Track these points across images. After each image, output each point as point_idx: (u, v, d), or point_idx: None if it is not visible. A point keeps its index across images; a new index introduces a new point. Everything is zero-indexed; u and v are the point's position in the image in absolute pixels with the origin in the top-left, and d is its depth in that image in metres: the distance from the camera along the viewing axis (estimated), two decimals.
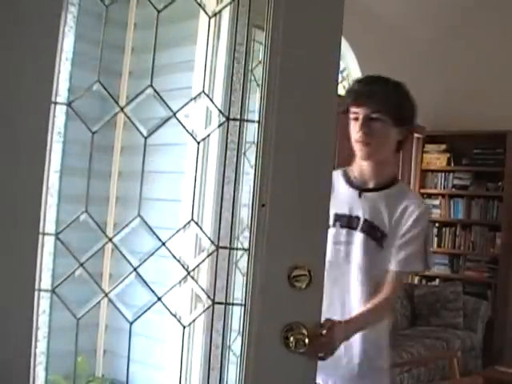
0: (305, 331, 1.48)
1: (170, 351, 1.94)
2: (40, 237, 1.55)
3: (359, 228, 1.90)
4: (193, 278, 1.66)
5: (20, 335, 1.48)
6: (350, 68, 5.41)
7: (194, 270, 1.66)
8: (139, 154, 2.13)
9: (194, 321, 1.65)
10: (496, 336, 5.41)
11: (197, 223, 1.69)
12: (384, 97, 1.89)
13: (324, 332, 1.52)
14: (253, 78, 2.49)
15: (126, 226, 1.66)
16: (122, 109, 1.66)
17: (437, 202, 5.95)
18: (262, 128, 1.56)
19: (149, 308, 1.65)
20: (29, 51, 1.59)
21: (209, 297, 1.66)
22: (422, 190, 5.99)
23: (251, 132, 2.59)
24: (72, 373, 1.97)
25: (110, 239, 1.66)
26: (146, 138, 1.67)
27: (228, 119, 1.65)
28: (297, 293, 1.51)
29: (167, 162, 2.16)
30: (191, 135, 1.66)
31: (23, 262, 1.51)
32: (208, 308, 1.64)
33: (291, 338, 1.49)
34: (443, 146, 5.90)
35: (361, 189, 1.95)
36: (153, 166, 2.24)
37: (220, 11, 1.66)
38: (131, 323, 1.63)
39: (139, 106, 1.92)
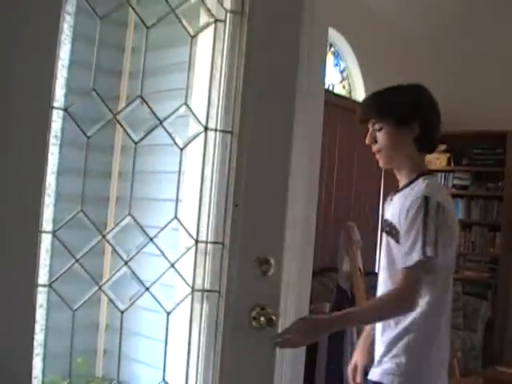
0: (269, 311, 1.73)
1: (170, 350, 1.98)
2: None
3: (385, 229, 2.00)
4: (176, 269, 1.84)
5: (20, 328, 1.54)
6: (350, 68, 5.41)
7: (176, 262, 1.84)
8: (139, 154, 2.16)
9: (176, 307, 1.86)
10: (496, 336, 5.41)
11: (179, 220, 1.87)
12: (373, 107, 1.99)
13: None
14: None
15: (118, 224, 1.81)
16: (114, 116, 1.78)
17: None
18: (235, 137, 1.80)
19: (138, 298, 1.83)
20: (28, 54, 1.60)
21: (188, 284, 1.84)
22: None
23: None
24: (71, 373, 1.99)
25: (104, 236, 1.77)
26: (136, 144, 1.82)
27: (206, 129, 1.85)
28: (261, 279, 1.76)
29: (169, 162, 2.18)
30: (174, 142, 1.85)
31: (24, 258, 1.56)
32: (188, 295, 1.83)
33: (261, 318, 1.74)
34: (443, 146, 5.89)
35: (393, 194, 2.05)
36: (154, 166, 2.25)
37: (198, 34, 1.88)
38: (122, 312, 1.82)
39: (136, 107, 1.96)
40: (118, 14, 1.92)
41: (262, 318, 1.72)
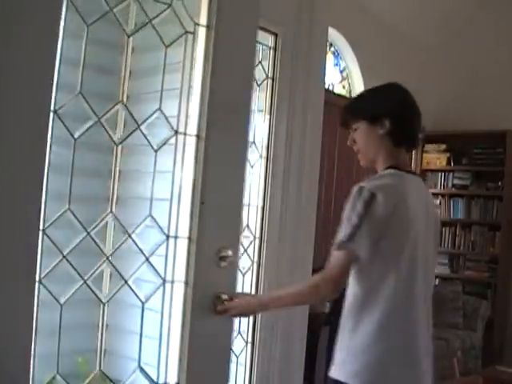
0: (226, 297, 1.97)
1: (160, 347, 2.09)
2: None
3: None
4: (150, 263, 2.05)
5: (19, 327, 1.62)
6: (350, 68, 5.41)
7: (151, 255, 2.05)
8: (135, 154, 2.21)
9: (150, 297, 2.06)
10: (496, 335, 5.42)
11: (153, 217, 2.05)
12: (347, 110, 2.07)
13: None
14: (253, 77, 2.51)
15: (100, 221, 1.94)
16: (99, 119, 1.88)
17: (437, 202, 5.95)
18: (202, 141, 1.99)
19: (118, 290, 2.03)
20: (27, 55, 1.61)
21: (160, 276, 2.04)
22: None
23: (251, 132, 2.63)
24: (72, 373, 2.00)
25: (89, 233, 1.89)
26: (117, 146, 1.96)
27: (176, 132, 2.03)
28: (221, 269, 2.00)
29: (166, 162, 2.22)
30: (149, 144, 2.03)
31: (23, 257, 1.63)
32: (160, 286, 2.03)
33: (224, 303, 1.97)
34: (443, 146, 5.90)
35: None
36: (149, 166, 2.26)
37: (172, 43, 2.06)
38: (104, 304, 1.96)
39: (134, 109, 2.01)
40: (130, 9, 1.99)
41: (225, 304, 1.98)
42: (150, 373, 2.02)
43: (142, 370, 2.02)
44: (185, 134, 2.03)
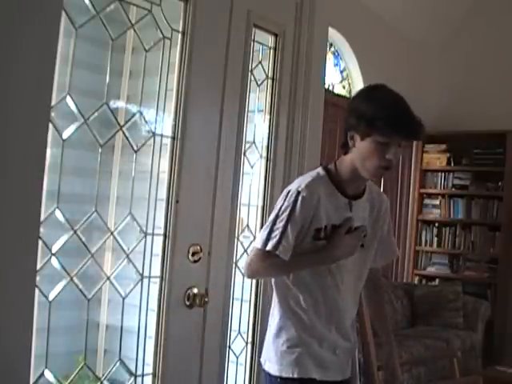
0: (200, 292, 2.13)
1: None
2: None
3: None
4: (130, 260, 2.12)
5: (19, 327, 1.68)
6: (350, 68, 5.41)
7: (131, 251, 2.12)
8: (116, 154, 2.24)
9: (130, 292, 2.12)
10: (496, 336, 5.41)
11: (133, 216, 2.12)
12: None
13: None
14: (253, 77, 2.51)
15: (86, 220, 2.00)
16: (85, 120, 1.92)
17: (437, 202, 5.95)
18: (178, 142, 2.12)
19: (101, 286, 2.09)
20: (29, 54, 1.61)
21: (139, 272, 2.12)
22: (422, 190, 6.00)
23: (251, 132, 2.63)
24: (72, 373, 2.00)
25: (75, 231, 1.94)
26: (101, 146, 2.00)
27: (154, 134, 2.14)
28: (194, 265, 2.15)
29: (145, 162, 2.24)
30: (130, 145, 2.11)
31: (24, 257, 1.69)
32: (139, 282, 2.13)
33: (197, 300, 2.14)
34: (443, 146, 5.90)
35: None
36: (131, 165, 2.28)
37: (151, 48, 2.14)
38: (89, 300, 2.02)
39: (133, 110, 2.01)
40: (114, 14, 1.99)
41: (197, 300, 2.14)
42: (129, 365, 2.14)
43: (122, 362, 2.13)
44: (161, 135, 2.13)
